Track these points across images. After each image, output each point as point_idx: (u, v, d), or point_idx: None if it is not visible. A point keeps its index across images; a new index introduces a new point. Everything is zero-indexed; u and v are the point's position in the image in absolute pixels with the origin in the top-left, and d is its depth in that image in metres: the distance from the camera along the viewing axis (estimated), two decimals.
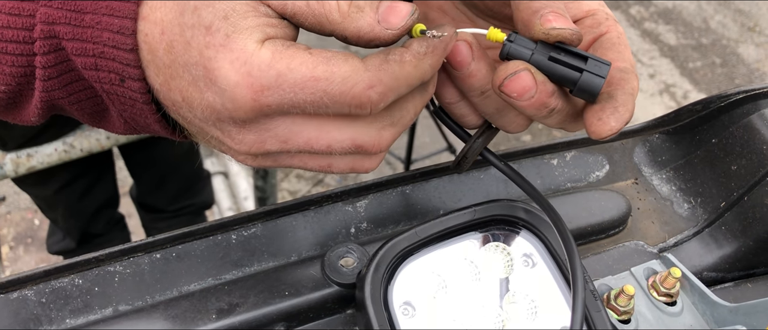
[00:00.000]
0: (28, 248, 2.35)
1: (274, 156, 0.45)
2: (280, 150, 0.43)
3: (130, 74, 0.41)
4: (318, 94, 0.39)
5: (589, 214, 0.63)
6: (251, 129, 0.42)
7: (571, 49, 0.44)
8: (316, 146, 0.43)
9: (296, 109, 0.40)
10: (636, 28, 3.69)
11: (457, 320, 0.51)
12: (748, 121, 0.64)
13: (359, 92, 0.40)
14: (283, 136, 0.42)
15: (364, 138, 0.43)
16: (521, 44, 0.44)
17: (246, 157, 0.45)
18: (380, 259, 0.51)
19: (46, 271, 0.52)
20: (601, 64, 0.43)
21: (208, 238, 0.56)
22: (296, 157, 0.45)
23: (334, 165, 0.46)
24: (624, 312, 0.57)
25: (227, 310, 0.52)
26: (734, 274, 0.64)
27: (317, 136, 0.42)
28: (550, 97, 0.44)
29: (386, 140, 0.44)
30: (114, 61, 0.40)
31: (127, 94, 0.42)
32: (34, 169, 1.38)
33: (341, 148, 0.43)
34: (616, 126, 0.44)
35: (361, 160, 0.46)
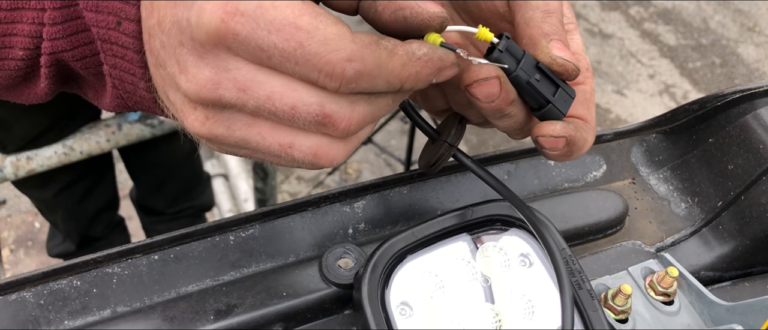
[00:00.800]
0: (28, 251, 2.35)
1: (228, 115, 0.39)
2: (236, 101, 0.38)
3: (128, 14, 0.40)
4: (292, 44, 0.36)
5: (586, 214, 0.63)
6: (209, 61, 0.37)
7: (548, 73, 0.45)
8: (279, 104, 0.38)
9: (263, 54, 0.36)
10: (635, 28, 3.69)
11: (455, 320, 0.51)
12: (744, 120, 0.64)
13: (335, 60, 0.37)
14: (242, 82, 0.37)
15: (334, 107, 0.39)
16: (510, 53, 0.45)
17: (196, 114, 0.39)
18: (377, 260, 0.51)
19: (44, 273, 0.52)
20: (567, 98, 0.46)
21: (206, 240, 0.56)
22: (254, 124, 0.40)
23: (296, 144, 0.40)
24: (621, 311, 0.57)
25: (225, 311, 0.52)
26: (732, 273, 0.64)
27: (282, 92, 0.38)
28: (508, 105, 0.46)
29: (358, 116, 0.40)
30: (114, 0, 0.40)
31: (121, 41, 0.41)
32: (34, 171, 1.38)
33: (307, 114, 0.39)
34: (560, 132, 0.46)
35: (327, 144, 0.41)
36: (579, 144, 0.47)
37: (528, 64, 0.45)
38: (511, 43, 0.45)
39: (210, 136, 0.40)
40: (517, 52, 0.45)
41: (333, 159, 0.42)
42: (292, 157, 0.41)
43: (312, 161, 0.41)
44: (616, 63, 3.47)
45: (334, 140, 0.41)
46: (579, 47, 0.52)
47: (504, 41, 0.45)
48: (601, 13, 3.74)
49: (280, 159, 0.42)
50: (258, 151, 0.41)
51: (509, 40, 0.45)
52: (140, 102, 0.45)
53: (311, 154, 0.41)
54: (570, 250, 0.53)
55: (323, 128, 0.40)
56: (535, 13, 0.47)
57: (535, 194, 0.65)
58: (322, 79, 0.38)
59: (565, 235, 0.62)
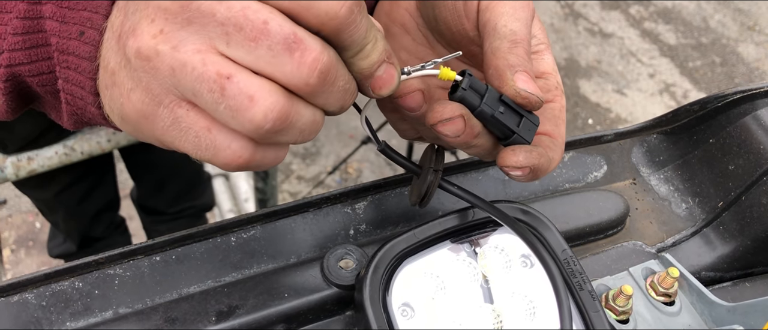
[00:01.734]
0: (29, 251, 2.35)
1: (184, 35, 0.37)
2: (207, 9, 0.36)
3: (94, 23, 0.40)
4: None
5: (587, 215, 0.63)
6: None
7: (511, 104, 0.47)
8: (252, 16, 0.36)
9: None
10: (635, 27, 3.69)
11: (456, 321, 0.52)
12: (744, 121, 0.64)
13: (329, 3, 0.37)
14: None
15: (306, 36, 0.37)
16: (474, 90, 0.47)
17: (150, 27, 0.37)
18: (379, 261, 0.52)
19: (46, 275, 0.52)
20: (532, 126, 0.48)
21: (208, 241, 0.57)
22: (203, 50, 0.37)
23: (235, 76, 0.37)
24: (622, 312, 0.57)
25: (227, 312, 0.53)
26: (732, 274, 0.64)
27: (257, 8, 0.36)
28: (474, 138, 0.48)
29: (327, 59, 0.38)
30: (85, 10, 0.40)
31: (79, 50, 0.41)
32: (35, 172, 1.38)
33: (279, 31, 0.36)
34: (523, 161, 0.47)
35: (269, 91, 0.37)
36: (543, 168, 0.49)
37: (491, 98, 0.47)
38: (474, 80, 0.47)
39: (150, 53, 0.37)
40: (480, 87, 0.47)
41: (269, 108, 0.37)
42: (224, 92, 0.37)
43: (244, 104, 0.37)
44: (616, 62, 3.47)
45: (279, 91, 0.38)
46: (549, 66, 0.53)
47: (466, 79, 0.46)
48: (601, 12, 3.74)
49: (210, 97, 0.37)
50: (189, 83, 0.37)
51: (471, 78, 0.47)
52: (91, 118, 0.44)
53: (247, 94, 0.37)
54: (571, 251, 0.54)
55: (287, 58, 0.37)
56: (501, 44, 0.48)
57: (536, 195, 0.65)
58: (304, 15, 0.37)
59: (567, 236, 0.62)
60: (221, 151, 0.40)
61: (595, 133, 0.68)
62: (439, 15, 0.54)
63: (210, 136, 0.39)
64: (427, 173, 0.52)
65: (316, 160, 2.76)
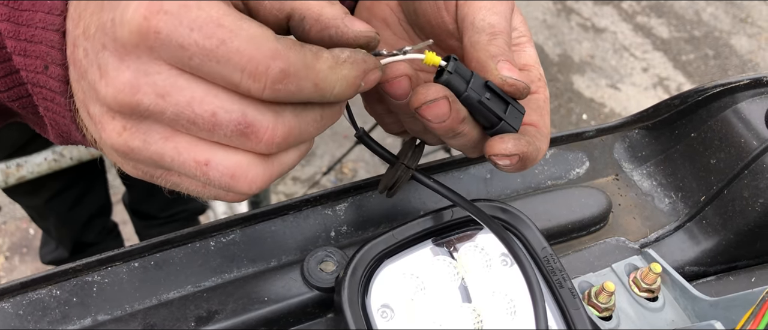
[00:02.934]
0: (23, 258, 2.35)
1: (146, 127, 0.37)
2: (154, 107, 0.36)
3: (54, 58, 0.39)
4: (214, 42, 0.35)
5: (569, 212, 0.63)
6: (130, 64, 0.35)
7: (498, 91, 0.46)
8: (199, 110, 0.36)
9: (185, 54, 0.35)
10: (628, 22, 3.69)
11: (436, 321, 0.51)
12: (725, 114, 0.64)
13: (259, 57, 0.35)
14: (162, 87, 0.36)
15: (257, 116, 0.37)
16: (459, 75, 0.46)
17: (114, 124, 0.37)
18: (357, 263, 0.51)
19: (22, 283, 0.52)
20: (518, 114, 0.47)
21: (187, 246, 0.56)
22: (171, 137, 0.38)
23: (212, 162, 0.38)
24: (605, 309, 0.57)
25: (206, 317, 0.52)
26: (716, 268, 0.64)
27: (202, 98, 0.36)
28: (459, 124, 0.46)
29: (283, 129, 0.38)
30: (41, 44, 0.39)
31: (49, 85, 0.40)
32: (24, 179, 1.38)
33: (229, 121, 0.37)
34: (511, 149, 0.46)
35: (247, 164, 0.39)
36: (531, 156, 0.48)
37: (477, 83, 0.46)
38: (459, 65, 0.46)
39: (126, 149, 0.38)
40: (465, 73, 0.46)
41: (251, 181, 0.39)
42: (208, 177, 0.39)
43: (228, 183, 0.39)
44: (609, 57, 3.47)
45: (255, 160, 0.39)
46: (531, 59, 0.53)
47: (452, 63, 0.46)
48: (593, 7, 3.74)
49: (195, 180, 0.40)
50: (172, 169, 0.39)
51: (457, 62, 0.46)
52: (76, 141, 0.44)
53: (228, 175, 0.38)
54: (551, 249, 0.53)
55: (245, 140, 0.38)
56: (480, 37, 0.48)
57: (518, 192, 0.65)
58: (246, 81, 0.36)
59: (549, 233, 0.62)
60: (223, 198, 0.42)
61: (577, 130, 0.68)
62: (418, 9, 0.54)
63: (206, 191, 0.41)
64: (401, 163, 0.52)
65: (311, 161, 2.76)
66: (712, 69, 3.47)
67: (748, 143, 0.62)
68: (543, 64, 3.29)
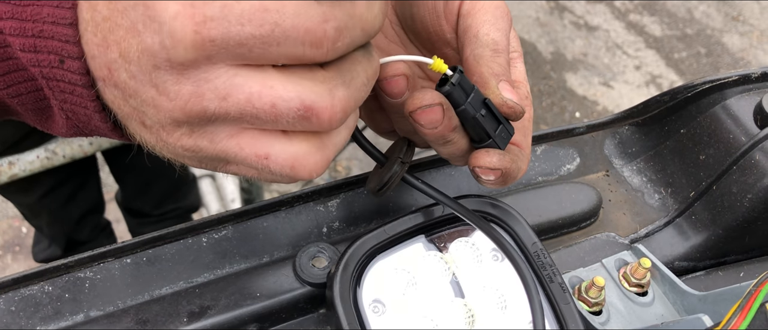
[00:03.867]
0: (16, 256, 2.34)
1: (212, 128, 0.39)
2: (219, 110, 0.38)
3: (70, 52, 0.39)
4: (268, 27, 0.36)
5: (560, 207, 0.63)
6: (190, 76, 0.37)
7: (492, 109, 0.47)
8: (259, 104, 0.37)
9: (242, 48, 0.36)
10: (621, 20, 3.70)
11: (427, 316, 0.52)
12: (714, 110, 0.64)
13: (314, 26, 0.36)
14: (223, 89, 0.37)
15: (314, 97, 0.38)
16: (461, 87, 0.46)
17: (181, 130, 0.39)
18: (349, 258, 0.52)
19: (14, 279, 0.52)
20: (507, 134, 0.49)
21: (179, 242, 0.56)
22: (235, 135, 0.40)
23: (272, 155, 0.40)
24: (595, 304, 0.57)
25: (198, 313, 0.52)
26: (705, 263, 0.65)
27: (260, 92, 0.37)
28: (450, 132, 0.47)
29: (340, 103, 0.39)
30: (53, 39, 0.39)
31: (67, 78, 0.40)
32: (17, 177, 1.37)
33: (288, 109, 0.38)
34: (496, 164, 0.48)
35: (305, 154, 0.40)
36: (513, 174, 0.49)
37: (476, 99, 0.47)
38: (464, 78, 0.46)
39: (194, 149, 0.40)
40: (468, 86, 0.47)
41: (311, 170, 0.41)
42: (269, 169, 0.40)
43: (289, 173, 0.41)
44: (602, 55, 3.48)
45: (312, 148, 0.41)
46: (521, 75, 0.53)
47: (457, 76, 0.46)
48: (586, 5, 3.75)
49: (258, 172, 0.42)
50: (236, 164, 0.41)
51: (462, 75, 0.46)
52: (97, 130, 0.44)
53: (288, 166, 0.40)
54: (541, 244, 0.54)
55: (307, 123, 0.39)
56: (484, 51, 0.48)
57: (510, 189, 0.65)
58: (309, 51, 0.37)
59: (539, 229, 0.62)
60: (280, 181, 0.43)
61: (568, 126, 0.68)
62: (416, 14, 0.54)
63: (265, 176, 0.43)
64: (394, 162, 0.52)
65: None
66: (704, 67, 3.49)
67: (737, 139, 0.63)
68: (536, 62, 3.31)
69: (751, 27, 3.76)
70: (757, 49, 3.62)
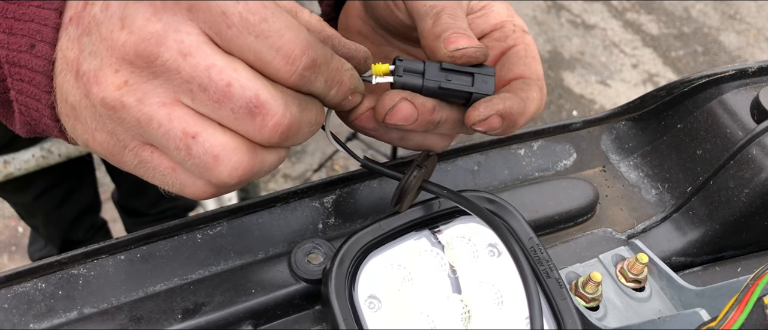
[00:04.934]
0: (12, 256, 2.33)
1: (149, 87, 0.37)
2: (172, 64, 0.36)
3: (45, 36, 0.39)
4: (257, 18, 0.36)
5: (556, 203, 0.63)
6: (162, 18, 0.36)
7: (457, 69, 0.46)
8: (216, 77, 0.36)
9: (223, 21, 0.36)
10: (618, 18, 3.70)
11: (423, 312, 0.51)
12: (711, 105, 0.64)
13: (296, 42, 0.37)
14: (188, 46, 0.36)
15: (270, 98, 0.38)
16: (411, 71, 0.46)
17: (114, 77, 0.37)
18: (344, 254, 0.51)
19: (7, 276, 0.51)
20: (487, 78, 0.46)
21: (173, 238, 0.56)
22: (169, 104, 0.37)
23: (201, 136, 0.38)
24: (592, 299, 0.57)
25: (193, 309, 0.52)
26: (703, 258, 0.64)
27: (222, 67, 0.37)
28: (432, 114, 0.46)
29: (288, 118, 0.39)
30: (33, 22, 0.39)
31: (31, 64, 0.40)
32: (12, 176, 1.37)
33: (241, 96, 0.37)
34: (485, 112, 0.45)
35: (234, 148, 0.39)
36: (516, 110, 0.46)
37: (432, 71, 0.46)
38: (407, 63, 0.46)
39: (116, 105, 0.37)
40: (416, 67, 0.46)
41: (234, 167, 0.39)
42: (190, 151, 0.38)
43: (210, 163, 0.38)
44: (599, 53, 3.48)
45: (243, 146, 0.39)
46: (501, 15, 0.52)
47: (398, 64, 0.46)
48: (583, 4, 3.75)
49: (170, 157, 0.39)
50: (153, 140, 0.39)
51: (403, 61, 0.46)
52: (46, 129, 0.44)
53: (212, 154, 0.38)
54: (538, 239, 0.53)
55: (250, 120, 0.38)
56: (425, 23, 0.48)
57: (506, 184, 0.65)
58: (278, 61, 0.37)
59: (536, 224, 0.62)
60: (188, 188, 0.42)
61: (564, 121, 0.68)
62: (377, 15, 0.56)
63: (175, 175, 0.41)
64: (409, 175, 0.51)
65: (302, 158, 2.75)
66: (701, 65, 3.49)
67: (734, 134, 0.63)
68: None
69: (748, 25, 3.77)
70: (754, 47, 3.62)
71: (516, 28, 0.52)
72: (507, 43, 0.51)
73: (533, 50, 0.51)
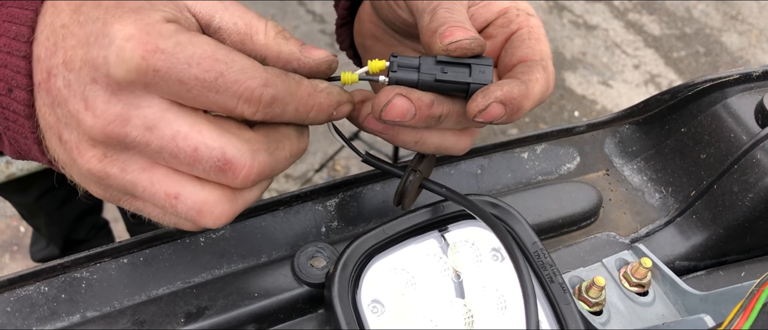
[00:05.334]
0: (14, 256, 2.33)
1: (127, 156, 0.40)
2: (141, 139, 0.38)
3: (19, 82, 0.40)
4: (212, 74, 0.38)
5: (560, 207, 0.63)
6: (121, 98, 0.37)
7: (453, 61, 0.46)
8: (183, 144, 0.39)
9: (182, 87, 0.37)
10: (620, 19, 3.70)
11: (427, 316, 0.51)
12: (715, 109, 0.64)
13: (253, 85, 0.39)
14: (151, 119, 0.38)
15: (236, 153, 0.40)
16: (406, 67, 0.46)
17: (94, 151, 0.39)
18: (347, 258, 0.51)
19: (10, 280, 0.51)
20: (484, 67, 0.46)
21: (176, 242, 0.56)
22: (148, 168, 0.40)
23: (182, 196, 0.40)
24: (595, 303, 0.57)
25: (196, 313, 0.52)
26: (706, 263, 0.64)
27: (187, 133, 0.39)
28: (431, 108, 0.46)
29: (258, 166, 0.41)
30: (6, 67, 0.40)
31: (12, 107, 0.41)
32: (14, 176, 1.37)
33: (209, 158, 0.39)
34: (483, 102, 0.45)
35: (214, 201, 0.41)
36: (516, 94, 0.45)
37: (427, 65, 0.46)
38: (402, 59, 0.46)
39: (102, 175, 0.40)
40: (411, 62, 0.46)
41: (217, 217, 0.42)
42: (176, 210, 0.41)
43: (194, 217, 0.41)
44: (601, 54, 3.48)
45: (222, 197, 0.42)
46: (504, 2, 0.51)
47: (393, 60, 0.46)
48: (585, 4, 3.75)
49: (163, 211, 0.42)
50: (142, 199, 0.42)
51: (397, 57, 0.46)
52: (36, 158, 0.45)
53: (195, 210, 0.41)
54: (541, 244, 0.53)
55: (222, 175, 0.40)
56: (424, 20, 0.48)
57: (509, 188, 0.65)
58: (241, 106, 0.39)
59: (539, 228, 0.62)
60: (182, 227, 0.44)
61: (568, 125, 0.68)
62: (383, 16, 0.56)
63: (168, 219, 0.44)
64: (408, 173, 0.51)
65: (304, 159, 2.75)
66: (703, 66, 3.49)
67: (738, 138, 0.62)
68: None
69: (749, 26, 3.76)
70: (756, 48, 3.62)
71: (520, 11, 0.51)
72: (511, 28, 0.51)
73: (538, 32, 0.50)
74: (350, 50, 0.66)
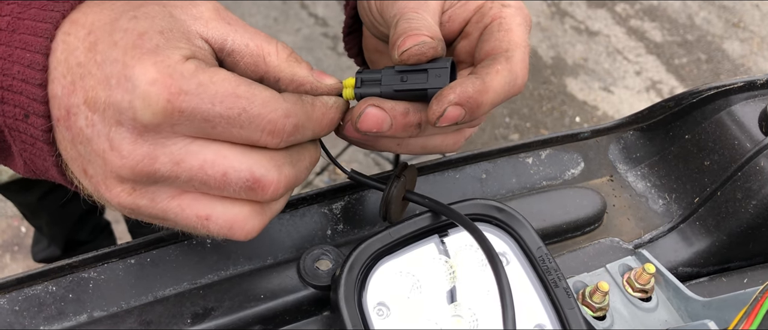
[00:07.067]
0: (15, 256, 2.34)
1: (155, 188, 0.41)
2: (169, 174, 0.40)
3: (35, 110, 0.40)
4: (236, 111, 0.39)
5: (564, 212, 0.63)
6: (148, 139, 0.38)
7: (411, 69, 0.46)
8: (211, 171, 0.40)
9: (207, 124, 0.39)
10: (621, 25, 3.70)
11: (432, 319, 0.52)
12: (719, 117, 0.64)
13: (276, 118, 0.40)
14: (178, 155, 0.39)
15: (263, 171, 0.41)
16: (370, 82, 0.48)
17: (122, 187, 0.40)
18: (354, 261, 0.51)
19: (18, 279, 0.51)
20: (440, 71, 0.46)
21: (183, 243, 0.56)
22: (177, 196, 0.41)
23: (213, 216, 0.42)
24: (599, 309, 0.57)
25: (202, 314, 0.52)
26: (709, 269, 0.65)
27: (213, 161, 0.40)
28: (406, 117, 0.46)
29: (285, 180, 0.42)
30: (21, 95, 0.40)
31: (29, 131, 0.41)
32: (17, 176, 1.37)
33: (238, 179, 0.40)
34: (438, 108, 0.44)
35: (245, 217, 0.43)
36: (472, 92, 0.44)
37: (388, 76, 0.47)
38: (366, 74, 0.48)
39: (133, 207, 0.41)
40: (374, 75, 0.48)
41: (248, 231, 0.43)
42: (208, 229, 0.43)
43: (227, 234, 0.43)
44: (602, 60, 3.48)
45: (252, 211, 0.43)
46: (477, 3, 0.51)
47: (358, 76, 0.48)
48: (587, 10, 3.75)
49: (195, 230, 0.44)
50: (174, 222, 0.43)
51: (362, 73, 0.48)
52: (54, 179, 0.46)
53: (227, 227, 0.43)
54: (546, 249, 0.54)
55: (252, 193, 0.42)
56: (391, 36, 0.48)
57: (514, 193, 0.65)
58: (265, 138, 0.41)
59: (544, 233, 0.62)
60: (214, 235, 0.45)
61: (572, 131, 0.68)
62: (376, 33, 0.58)
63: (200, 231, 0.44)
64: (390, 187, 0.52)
65: None
66: (704, 73, 3.49)
67: (742, 145, 0.63)
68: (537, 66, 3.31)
69: (751, 33, 3.77)
70: (758, 56, 3.62)
71: (494, 5, 0.50)
72: (483, 22, 0.50)
73: (508, 22, 0.49)
74: (359, 57, 0.67)
